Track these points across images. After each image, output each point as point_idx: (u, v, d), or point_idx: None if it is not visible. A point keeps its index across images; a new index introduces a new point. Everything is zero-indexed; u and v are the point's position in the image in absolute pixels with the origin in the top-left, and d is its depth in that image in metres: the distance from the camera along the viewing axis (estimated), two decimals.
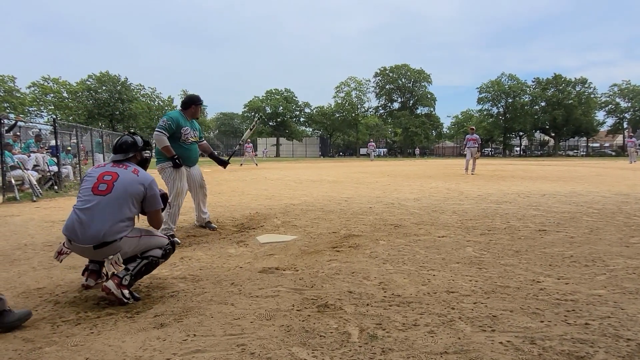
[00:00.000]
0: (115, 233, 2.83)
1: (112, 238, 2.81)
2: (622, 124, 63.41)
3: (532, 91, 64.87)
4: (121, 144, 3.15)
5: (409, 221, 5.71)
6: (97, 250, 2.82)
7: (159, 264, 3.13)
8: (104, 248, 2.81)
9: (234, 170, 21.12)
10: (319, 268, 3.57)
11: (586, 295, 2.85)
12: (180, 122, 4.92)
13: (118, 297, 2.79)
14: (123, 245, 2.88)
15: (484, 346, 2.12)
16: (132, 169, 3.04)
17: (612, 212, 6.25)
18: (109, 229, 2.80)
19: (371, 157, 41.99)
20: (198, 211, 5.44)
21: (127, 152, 3.14)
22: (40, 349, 2.18)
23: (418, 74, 68.05)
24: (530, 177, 14.55)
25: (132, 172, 3.01)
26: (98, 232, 2.78)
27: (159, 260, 3.09)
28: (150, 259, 3.02)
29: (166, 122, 4.82)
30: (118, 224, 2.84)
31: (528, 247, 4.23)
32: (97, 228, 2.78)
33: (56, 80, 51.28)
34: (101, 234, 2.78)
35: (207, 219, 5.47)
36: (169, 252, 3.19)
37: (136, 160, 3.21)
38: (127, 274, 2.88)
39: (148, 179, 3.03)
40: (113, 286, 2.80)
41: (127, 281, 2.85)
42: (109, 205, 2.85)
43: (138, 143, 3.20)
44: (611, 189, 9.87)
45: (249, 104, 69.03)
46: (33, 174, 9.82)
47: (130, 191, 2.93)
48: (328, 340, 2.21)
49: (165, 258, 3.16)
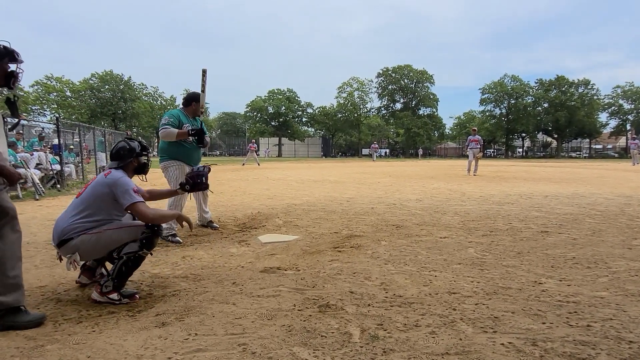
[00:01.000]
0: (71, 231, 2.83)
1: (67, 236, 2.82)
2: (625, 125, 63.23)
3: (534, 92, 64.72)
4: (117, 150, 3.13)
5: (410, 222, 5.70)
6: (61, 249, 2.86)
7: (142, 258, 2.95)
8: (62, 247, 2.84)
9: (235, 170, 21.15)
10: (320, 268, 3.57)
11: (588, 297, 2.85)
12: (181, 119, 4.89)
13: (106, 303, 2.82)
14: (80, 244, 2.82)
15: (485, 347, 2.11)
16: (107, 172, 3.03)
17: (614, 214, 6.23)
18: (66, 227, 2.84)
19: (373, 158, 41.97)
20: (200, 211, 5.43)
21: (123, 158, 3.12)
22: (42, 347, 2.18)
23: (421, 74, 67.96)
24: (532, 178, 14.52)
25: (104, 175, 3.00)
26: (59, 231, 2.85)
27: (137, 254, 2.90)
28: (125, 257, 2.87)
29: (168, 119, 4.81)
30: (75, 223, 2.85)
31: (530, 248, 4.22)
32: (60, 227, 2.87)
33: (59, 79, 51.47)
34: (61, 232, 2.84)
35: (209, 219, 5.47)
36: (149, 240, 2.92)
37: (133, 165, 3.19)
38: (108, 279, 2.86)
39: (113, 178, 2.94)
40: (97, 296, 2.85)
41: (108, 288, 2.83)
42: (75, 206, 2.93)
43: (135, 149, 3.17)
44: (614, 190, 9.84)
45: (252, 104, 69.11)
46: (36, 173, 9.85)
47: (95, 192, 2.92)
48: (329, 340, 2.21)
49: (147, 247, 2.92)
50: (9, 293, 2.44)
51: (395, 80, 68.97)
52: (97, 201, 2.90)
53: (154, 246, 3.01)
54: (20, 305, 2.48)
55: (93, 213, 2.89)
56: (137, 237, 2.91)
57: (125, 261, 2.88)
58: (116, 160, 3.12)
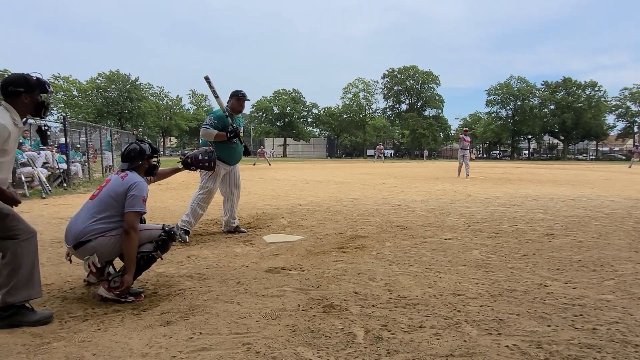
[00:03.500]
0: (89, 232, 2.83)
1: (85, 238, 2.83)
2: (633, 128, 62.76)
3: (541, 94, 64.42)
4: (129, 152, 3.18)
5: (415, 223, 5.69)
6: (77, 251, 2.86)
7: (154, 259, 3.01)
8: (79, 248, 2.85)
9: (241, 170, 21.18)
10: (324, 268, 3.58)
11: (594, 300, 2.83)
12: (224, 121, 4.84)
13: (113, 299, 2.83)
14: (98, 246, 2.84)
15: (489, 349, 2.10)
16: (124, 174, 3.05)
17: (621, 217, 6.19)
18: (84, 229, 2.84)
19: (376, 158, 41.65)
20: (228, 216, 5.20)
21: (134, 160, 3.16)
22: (49, 344, 2.20)
23: (426, 75, 67.75)
24: (538, 180, 14.45)
25: (120, 178, 3.02)
26: (76, 233, 2.85)
27: (151, 254, 2.97)
28: (139, 255, 2.92)
29: (212, 120, 4.84)
30: (94, 224, 2.86)
31: (535, 250, 4.20)
32: (77, 228, 2.86)
33: (66, 79, 51.86)
34: (78, 234, 2.84)
35: (235, 224, 5.26)
36: (164, 243, 3.02)
37: (144, 167, 3.23)
38: (117, 275, 2.88)
39: (130, 181, 2.98)
40: (104, 292, 2.86)
41: (116, 283, 2.84)
42: (91, 207, 2.94)
43: (146, 151, 3.22)
44: (621, 193, 9.78)
45: (257, 104, 69.20)
46: (42, 171, 9.92)
47: (112, 193, 2.94)
48: (333, 340, 2.22)
49: (162, 249, 3.01)
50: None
51: (401, 81, 68.79)
52: (114, 202, 2.92)
53: (168, 250, 3.11)
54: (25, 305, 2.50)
55: (112, 215, 2.91)
56: (153, 239, 2.98)
57: (137, 260, 2.91)
58: (127, 161, 3.16)
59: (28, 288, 2.50)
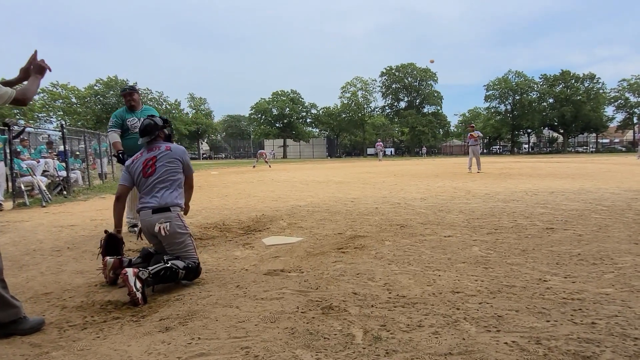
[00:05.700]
0: (172, 200, 3.33)
1: (170, 204, 3.31)
2: (632, 119, 62.67)
3: (539, 88, 64.39)
4: (145, 127, 3.58)
5: (415, 221, 5.69)
6: (154, 215, 3.27)
7: (178, 276, 3.19)
8: (160, 213, 3.27)
9: (241, 173, 21.21)
10: (324, 269, 3.58)
11: (593, 294, 2.82)
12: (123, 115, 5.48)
13: (130, 284, 2.89)
14: (173, 219, 3.29)
15: (488, 347, 2.10)
16: (165, 146, 3.53)
17: (621, 209, 6.17)
18: (166, 197, 3.33)
19: (381, 157, 41.47)
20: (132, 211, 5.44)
21: (152, 132, 3.57)
22: (47, 354, 2.20)
23: (424, 72, 67.75)
24: (538, 174, 14.43)
25: (165, 149, 3.50)
26: (158, 200, 3.31)
27: (179, 270, 3.17)
28: (170, 264, 3.15)
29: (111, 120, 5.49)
30: (172, 193, 3.37)
31: (535, 245, 4.19)
32: (157, 199, 3.31)
33: (65, 86, 51.92)
34: (161, 201, 3.30)
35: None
36: (192, 271, 3.27)
37: (161, 137, 3.65)
38: (146, 269, 3.03)
39: (179, 151, 3.56)
40: (130, 273, 2.94)
41: (144, 275, 2.98)
42: (160, 182, 3.37)
43: (158, 123, 3.64)
44: (621, 185, 9.76)
45: (256, 106, 69.30)
46: (42, 180, 9.93)
47: (171, 164, 3.45)
48: (332, 342, 2.21)
49: (187, 272, 3.24)
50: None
51: (399, 79, 68.83)
52: (173, 172, 3.44)
53: (188, 279, 3.31)
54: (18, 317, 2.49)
55: (174, 181, 3.43)
56: (189, 260, 3.30)
57: (167, 267, 3.13)
58: (146, 135, 3.57)
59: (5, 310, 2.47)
